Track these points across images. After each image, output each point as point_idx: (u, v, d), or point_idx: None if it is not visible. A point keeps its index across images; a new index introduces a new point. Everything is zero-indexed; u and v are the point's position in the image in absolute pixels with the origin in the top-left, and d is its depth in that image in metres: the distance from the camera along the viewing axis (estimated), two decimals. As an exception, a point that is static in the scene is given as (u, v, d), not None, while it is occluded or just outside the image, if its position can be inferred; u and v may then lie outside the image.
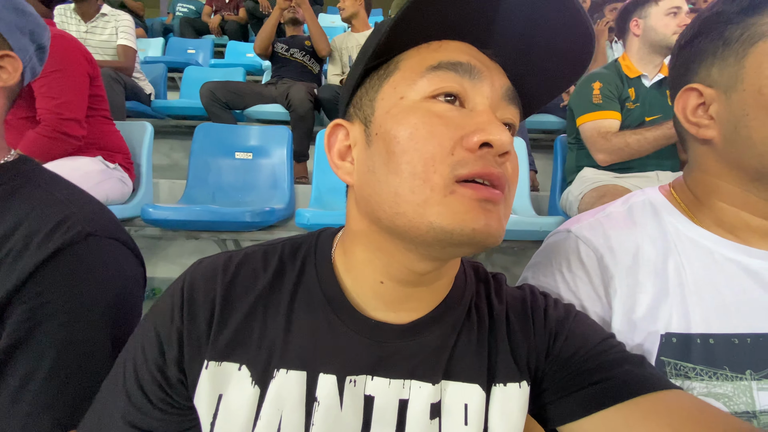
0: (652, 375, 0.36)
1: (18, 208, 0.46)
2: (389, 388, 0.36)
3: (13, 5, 0.51)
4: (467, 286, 0.42)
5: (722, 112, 0.43)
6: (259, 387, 0.35)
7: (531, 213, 1.63)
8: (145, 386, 0.36)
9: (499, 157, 0.30)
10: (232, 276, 0.38)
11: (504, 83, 0.34)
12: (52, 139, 1.21)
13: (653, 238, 0.47)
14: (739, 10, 0.42)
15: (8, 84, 0.50)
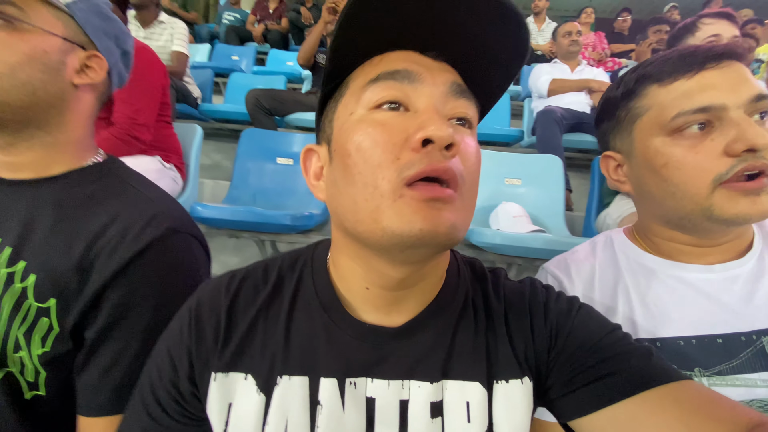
0: (660, 367, 0.36)
1: (113, 203, 0.51)
2: (389, 389, 0.38)
3: (99, 11, 0.56)
4: (461, 283, 0.42)
5: (630, 173, 0.55)
6: (264, 394, 0.38)
7: (565, 233, 1.62)
8: (162, 401, 0.39)
9: (445, 150, 0.31)
10: (234, 293, 0.41)
11: (448, 79, 0.35)
12: (124, 142, 1.32)
13: (606, 265, 0.57)
14: (621, 97, 0.53)
15: (96, 81, 0.55)
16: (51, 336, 0.46)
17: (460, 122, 0.35)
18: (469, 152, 0.34)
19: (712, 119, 0.46)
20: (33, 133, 0.50)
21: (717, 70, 0.46)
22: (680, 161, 0.46)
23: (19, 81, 0.47)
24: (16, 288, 0.45)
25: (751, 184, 0.44)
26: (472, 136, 0.35)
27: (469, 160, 0.33)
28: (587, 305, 0.43)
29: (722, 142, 0.44)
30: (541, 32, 4.06)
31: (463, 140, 0.33)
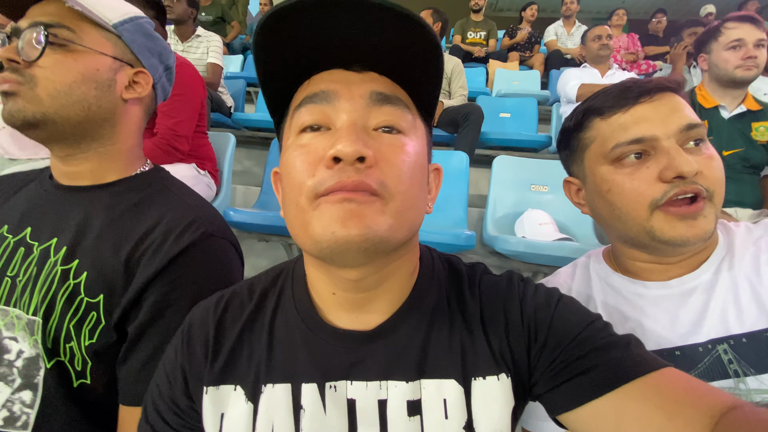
0: (639, 357, 0.36)
1: (157, 209, 0.56)
2: (367, 390, 0.39)
3: (144, 31, 0.60)
4: (434, 282, 0.43)
5: (586, 197, 0.59)
6: (251, 403, 0.40)
7: (593, 241, 1.57)
8: (164, 415, 0.42)
9: (359, 163, 0.32)
10: (221, 312, 0.44)
11: (367, 90, 0.35)
12: (164, 151, 1.41)
13: (581, 286, 0.60)
14: (573, 128, 0.57)
15: (142, 95, 0.59)
16: (98, 329, 0.50)
17: (387, 129, 0.35)
18: (393, 158, 0.34)
19: (647, 149, 0.50)
20: (89, 145, 0.56)
21: (649, 104, 0.50)
22: (621, 187, 0.51)
23: (75, 98, 0.52)
24: (69, 284, 0.50)
25: (687, 209, 0.47)
26: (401, 140, 0.35)
27: (394, 166, 0.34)
28: (567, 296, 0.43)
29: (656, 169, 0.48)
30: (571, 36, 3.97)
31: (382, 148, 0.34)
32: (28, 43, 0.50)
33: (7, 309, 0.50)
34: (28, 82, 0.50)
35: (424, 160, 0.38)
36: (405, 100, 0.37)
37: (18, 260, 0.52)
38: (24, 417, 0.49)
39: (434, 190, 0.43)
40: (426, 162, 0.39)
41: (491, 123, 2.65)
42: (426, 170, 0.39)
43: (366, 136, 0.34)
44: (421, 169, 0.36)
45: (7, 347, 0.50)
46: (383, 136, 0.35)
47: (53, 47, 0.50)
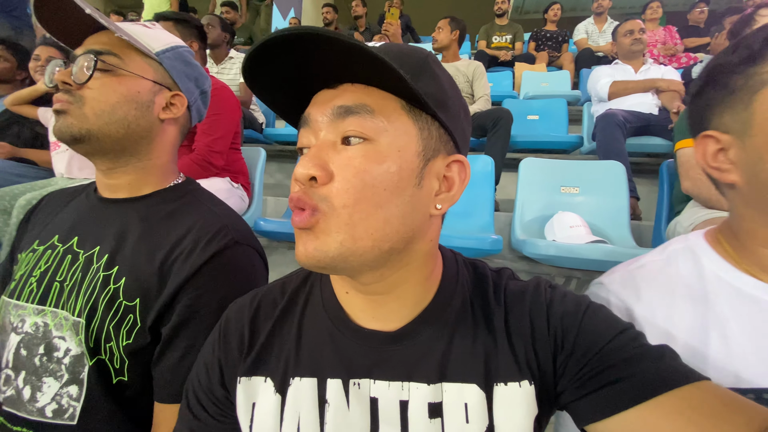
0: (673, 369, 0.34)
1: (188, 218, 0.60)
2: (389, 390, 0.40)
3: (183, 58, 0.65)
4: (458, 287, 0.43)
5: (741, 157, 0.44)
6: (280, 394, 0.42)
7: (631, 243, 1.50)
8: (203, 403, 0.45)
9: (313, 181, 0.35)
10: (255, 309, 0.46)
11: (331, 106, 0.36)
12: (201, 166, 1.51)
13: (691, 289, 0.45)
14: (740, 61, 0.44)
15: (177, 116, 0.64)
16: (135, 330, 0.54)
17: (356, 140, 0.35)
18: (344, 172, 0.34)
19: None
20: (128, 160, 0.61)
21: None
22: None
23: (117, 117, 0.57)
24: (110, 288, 0.55)
25: None
26: (360, 151, 0.35)
27: (344, 180, 0.34)
28: (596, 304, 0.41)
29: None
30: (603, 33, 3.85)
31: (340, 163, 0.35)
32: (80, 68, 0.56)
33: (56, 311, 0.55)
34: (77, 101, 0.56)
35: (404, 162, 0.36)
36: (372, 104, 0.35)
37: (66, 267, 0.57)
38: (71, 410, 0.53)
39: (456, 186, 0.40)
40: (412, 161, 0.36)
41: (519, 126, 2.61)
42: (412, 171, 0.36)
43: (331, 152, 0.35)
44: (391, 174, 0.35)
45: (57, 345, 0.54)
46: (346, 149, 0.35)
47: (101, 71, 0.56)
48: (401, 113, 0.37)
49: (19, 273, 0.59)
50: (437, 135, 0.39)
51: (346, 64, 0.34)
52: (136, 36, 0.59)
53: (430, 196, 0.38)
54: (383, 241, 0.35)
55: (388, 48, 0.37)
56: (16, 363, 0.55)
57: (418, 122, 0.37)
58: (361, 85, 0.37)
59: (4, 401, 0.55)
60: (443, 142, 0.39)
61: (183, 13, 1.67)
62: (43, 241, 0.61)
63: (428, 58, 0.38)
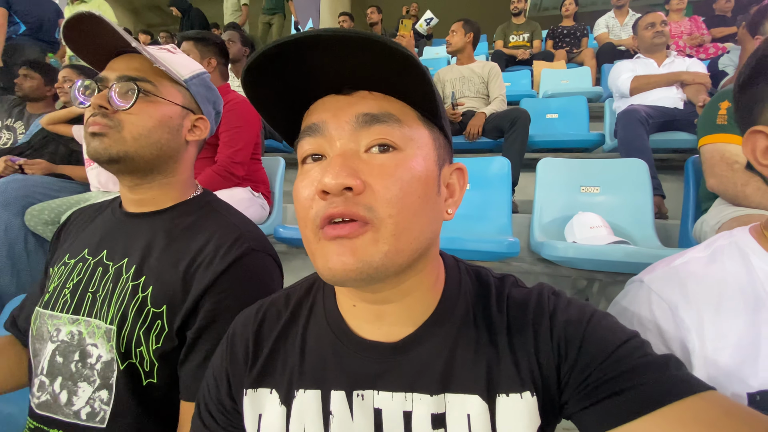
0: (678, 380, 0.33)
1: (208, 228, 0.63)
2: (393, 401, 0.39)
3: (206, 84, 0.70)
4: (460, 296, 0.42)
5: None
6: (285, 406, 0.42)
7: (656, 243, 1.45)
8: (213, 413, 0.46)
9: (348, 191, 0.32)
10: (260, 321, 0.47)
11: (354, 114, 0.35)
12: (222, 177, 1.57)
13: (740, 286, 0.43)
14: None
15: (201, 138, 0.69)
16: (163, 335, 0.58)
17: (383, 148, 0.35)
18: (383, 181, 0.33)
19: None
20: (154, 177, 0.65)
21: None
22: None
23: (153, 140, 0.62)
24: (139, 297, 0.58)
25: None
26: (394, 159, 0.34)
27: (384, 188, 0.33)
28: (601, 312, 0.40)
29: None
30: (624, 27, 3.74)
31: (373, 171, 0.34)
32: (121, 94, 0.59)
33: (89, 320, 0.59)
34: (116, 125, 0.59)
35: (428, 170, 0.36)
36: (397, 113, 0.36)
37: (97, 278, 0.61)
38: (102, 413, 0.57)
39: (458, 192, 0.41)
40: (433, 170, 0.37)
41: (537, 125, 2.57)
42: (434, 179, 0.37)
43: (357, 161, 0.34)
44: (422, 182, 0.35)
45: (90, 352, 0.58)
46: (375, 157, 0.34)
47: (140, 98, 0.60)
48: (419, 123, 0.37)
49: (52, 285, 0.64)
50: (443, 144, 0.40)
51: (375, 70, 0.33)
52: (168, 64, 0.63)
53: (443, 202, 0.40)
54: (417, 251, 0.35)
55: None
56: (52, 369, 0.59)
57: (432, 132, 0.38)
58: (380, 94, 0.36)
59: (38, 406, 0.59)
60: (447, 151, 0.41)
61: (203, 32, 1.74)
62: (73, 254, 0.65)
63: (426, 70, 0.39)
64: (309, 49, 0.33)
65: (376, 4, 4.79)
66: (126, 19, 8.45)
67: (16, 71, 2.05)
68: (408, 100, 0.37)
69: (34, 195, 1.67)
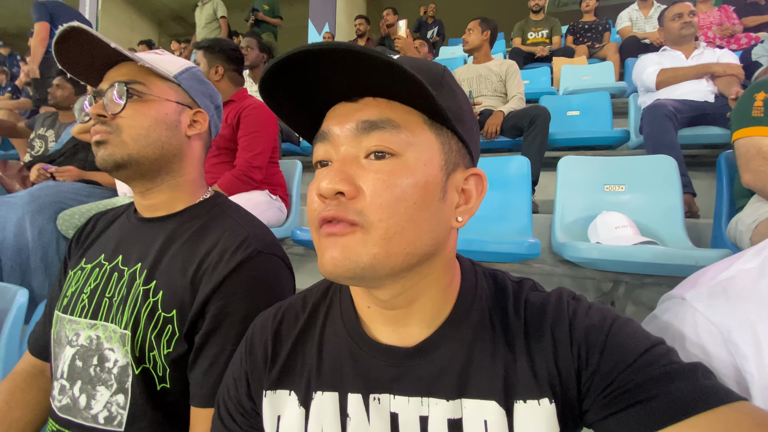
0: (707, 389, 0.31)
1: (216, 231, 0.63)
2: (409, 405, 0.39)
3: (197, 77, 0.70)
4: (476, 300, 0.42)
5: None
6: (303, 408, 0.43)
7: (686, 244, 1.38)
8: (232, 414, 0.47)
9: (341, 196, 0.34)
10: (278, 323, 0.47)
11: (356, 120, 0.36)
12: (241, 180, 1.60)
13: None
14: None
15: (202, 131, 0.69)
16: (174, 339, 0.58)
17: (380, 154, 0.35)
18: (376, 187, 0.34)
19: None
20: (163, 179, 0.66)
21: None
22: None
23: (152, 139, 0.62)
24: (150, 301, 0.59)
25: None
26: (389, 166, 0.35)
27: (375, 194, 0.34)
28: (624, 317, 0.38)
29: None
30: (649, 19, 3.60)
31: (369, 177, 0.35)
32: (112, 100, 0.61)
33: (106, 324, 0.60)
34: (115, 130, 0.61)
35: (429, 176, 0.36)
36: (397, 119, 0.36)
37: (113, 283, 0.62)
38: (119, 417, 0.58)
39: (474, 198, 0.40)
40: (436, 175, 0.36)
41: (558, 123, 2.50)
42: (436, 184, 0.37)
43: (355, 167, 0.35)
44: (418, 188, 0.35)
45: (107, 357, 0.59)
46: (372, 163, 0.35)
47: (132, 99, 0.61)
48: (424, 128, 0.37)
49: (70, 290, 0.65)
50: (456, 149, 0.39)
51: (372, 78, 0.34)
52: (155, 63, 0.64)
53: (451, 208, 0.39)
54: (413, 255, 0.36)
55: (405, 62, 0.36)
56: (71, 373, 0.60)
57: (440, 136, 0.37)
58: (383, 100, 0.37)
59: (59, 409, 0.60)
60: (461, 156, 0.40)
61: (211, 39, 1.77)
62: (90, 259, 0.66)
63: (444, 73, 0.39)
64: (307, 62, 0.34)
65: (393, 6, 4.79)
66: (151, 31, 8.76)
67: (50, 82, 2.16)
68: (414, 104, 0.36)
69: (66, 201, 1.74)
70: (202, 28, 4.63)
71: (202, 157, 0.72)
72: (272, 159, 1.79)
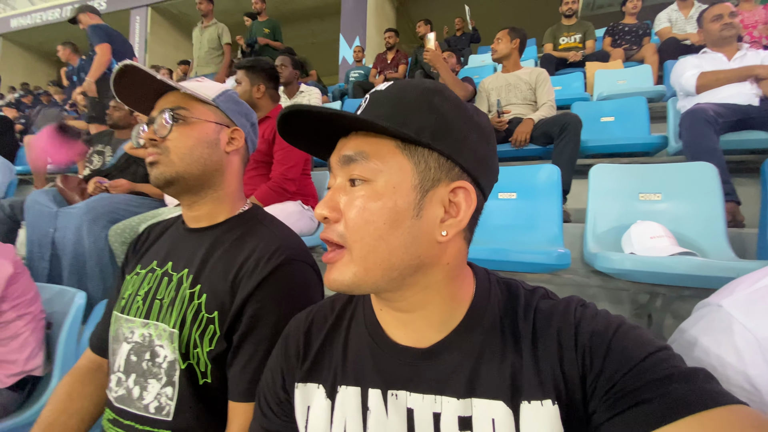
0: (703, 391, 0.32)
1: (252, 240, 0.69)
2: (423, 402, 0.43)
3: (233, 99, 0.77)
4: (489, 307, 0.45)
5: None
6: (330, 400, 0.47)
7: (729, 255, 1.31)
8: (270, 404, 0.52)
9: (327, 221, 0.41)
10: (309, 324, 0.53)
11: (339, 155, 0.42)
12: (276, 192, 1.69)
13: None
14: None
15: (239, 147, 0.76)
16: (215, 338, 0.64)
17: (355, 182, 0.41)
18: (349, 211, 0.40)
19: None
20: (206, 192, 0.73)
21: None
22: None
23: (195, 157, 0.70)
24: (194, 303, 0.65)
25: None
26: (362, 192, 0.40)
27: (350, 219, 0.40)
28: (630, 323, 0.39)
29: None
30: (690, 19, 3.45)
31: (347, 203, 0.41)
32: (161, 125, 0.69)
33: (157, 323, 0.67)
34: (164, 151, 0.69)
35: (399, 197, 0.39)
36: (369, 149, 0.40)
37: (163, 287, 0.69)
38: (167, 408, 0.64)
39: (463, 210, 0.41)
40: (407, 195, 0.39)
41: (591, 130, 2.44)
42: (408, 203, 0.39)
43: (341, 194, 0.41)
44: (387, 209, 0.39)
45: (158, 353, 0.66)
46: (351, 190, 0.41)
47: (177, 123, 0.69)
48: (396, 152, 0.40)
49: (127, 292, 0.73)
50: (436, 165, 0.40)
51: (347, 122, 0.41)
52: (196, 90, 0.72)
53: (433, 224, 0.40)
54: (391, 270, 0.40)
55: (388, 91, 0.42)
56: (127, 367, 0.67)
57: (413, 157, 0.40)
58: (363, 133, 0.42)
59: (116, 399, 0.67)
60: (445, 170, 0.41)
61: (253, 60, 1.88)
62: (144, 265, 0.74)
63: (426, 93, 0.41)
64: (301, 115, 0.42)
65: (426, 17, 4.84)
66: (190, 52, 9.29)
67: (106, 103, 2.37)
68: (386, 133, 0.40)
69: (118, 211, 1.90)
70: (205, 51, 4.33)
71: (241, 171, 0.79)
72: (304, 171, 1.87)
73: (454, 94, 0.43)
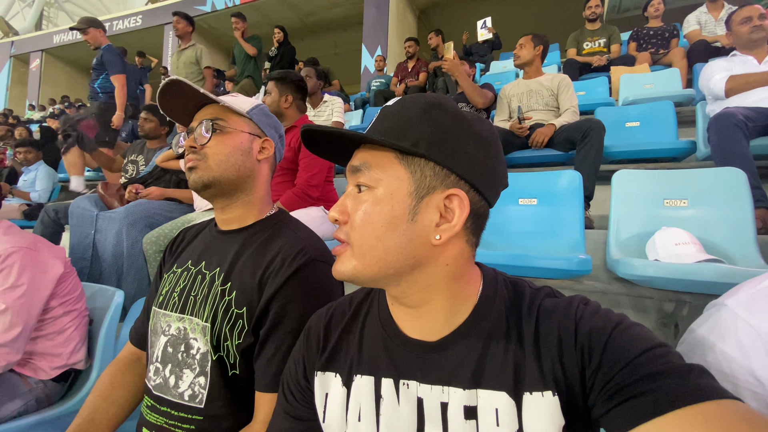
0: (696, 385, 0.33)
1: (278, 242, 0.74)
2: (432, 392, 0.46)
3: (265, 112, 0.84)
4: (494, 304, 0.47)
5: None
6: (346, 388, 0.51)
7: (759, 263, 1.27)
8: (292, 390, 0.57)
9: (340, 223, 0.46)
10: (329, 318, 0.57)
11: (350, 165, 0.47)
12: (300, 198, 1.77)
13: None
14: None
15: (268, 156, 0.82)
16: (243, 332, 0.68)
17: (360, 188, 0.46)
18: (356, 213, 0.45)
19: None
20: (238, 197, 0.79)
21: None
22: None
23: (231, 163, 0.76)
24: (225, 300, 0.70)
25: None
26: (363, 197, 0.45)
27: (354, 221, 0.45)
28: (630, 321, 0.41)
29: None
30: (720, 21, 3.35)
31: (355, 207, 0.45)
32: (200, 134, 0.76)
33: (192, 318, 0.72)
34: (203, 158, 0.75)
35: (396, 202, 0.43)
36: (372, 160, 0.45)
37: (197, 284, 0.75)
38: (200, 395, 0.69)
39: (456, 216, 0.43)
40: (403, 200, 0.43)
41: (615, 135, 2.41)
42: (404, 208, 0.43)
43: (350, 199, 0.46)
44: (384, 213, 0.43)
45: (192, 345, 0.71)
46: (357, 196, 0.46)
47: (215, 132, 0.76)
48: (394, 162, 0.44)
49: (164, 289, 0.79)
50: (431, 173, 0.43)
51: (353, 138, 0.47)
52: (233, 104, 0.78)
53: (428, 228, 0.43)
54: (387, 267, 0.44)
55: (393, 106, 0.46)
56: (164, 358, 0.73)
57: (410, 167, 0.44)
58: (369, 146, 0.47)
59: (154, 388, 0.73)
60: (440, 178, 0.43)
61: (283, 71, 1.96)
62: (180, 265, 0.80)
63: (426, 106, 0.44)
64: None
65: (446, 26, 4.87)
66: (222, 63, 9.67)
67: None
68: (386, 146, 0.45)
69: (154, 216, 2.02)
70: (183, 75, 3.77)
71: (269, 178, 0.85)
72: (327, 178, 1.94)
73: (454, 106, 0.46)
